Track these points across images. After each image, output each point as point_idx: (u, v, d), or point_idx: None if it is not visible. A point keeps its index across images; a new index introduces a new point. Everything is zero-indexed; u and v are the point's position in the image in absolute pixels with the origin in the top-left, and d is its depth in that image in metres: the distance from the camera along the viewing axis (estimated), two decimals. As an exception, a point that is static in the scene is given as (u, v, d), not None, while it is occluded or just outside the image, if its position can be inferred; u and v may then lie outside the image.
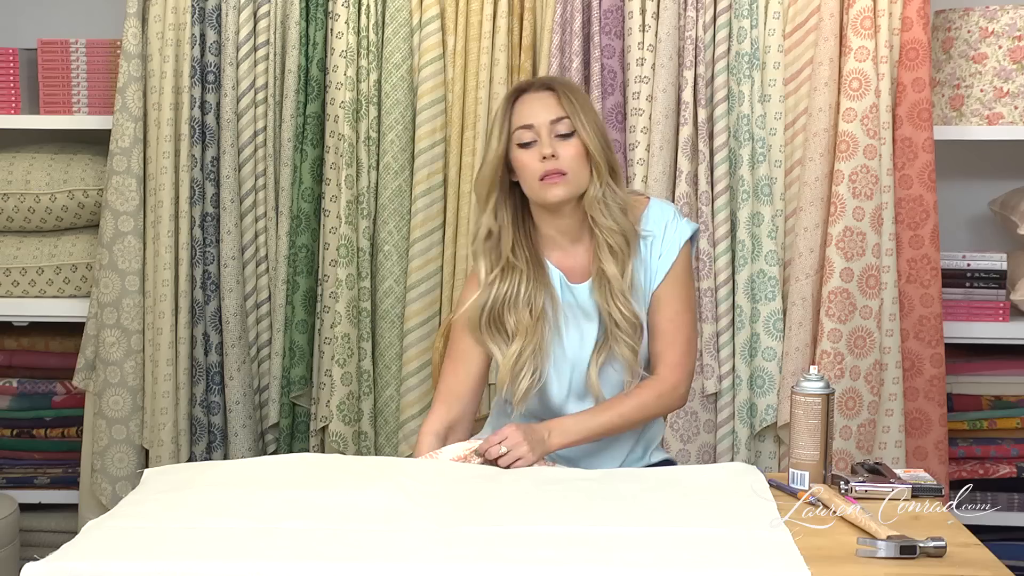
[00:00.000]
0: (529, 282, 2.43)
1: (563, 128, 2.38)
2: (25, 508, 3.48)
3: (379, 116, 3.27)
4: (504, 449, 2.29)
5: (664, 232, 2.46)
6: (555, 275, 2.47)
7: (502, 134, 2.40)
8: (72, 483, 3.52)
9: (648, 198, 2.51)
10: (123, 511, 2.03)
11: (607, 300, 2.41)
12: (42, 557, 1.77)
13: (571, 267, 2.47)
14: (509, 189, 2.45)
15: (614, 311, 2.40)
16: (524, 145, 2.39)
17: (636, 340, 2.42)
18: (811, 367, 2.28)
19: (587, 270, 2.46)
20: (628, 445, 2.54)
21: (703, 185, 3.19)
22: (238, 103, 3.29)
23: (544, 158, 2.36)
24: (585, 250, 2.46)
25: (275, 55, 3.29)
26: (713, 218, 3.20)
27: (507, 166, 2.43)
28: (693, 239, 2.51)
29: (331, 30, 3.26)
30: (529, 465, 2.30)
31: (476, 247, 2.47)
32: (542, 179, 2.37)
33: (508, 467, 2.29)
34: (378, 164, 3.28)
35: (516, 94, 2.44)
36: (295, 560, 1.79)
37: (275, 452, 3.37)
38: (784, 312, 3.23)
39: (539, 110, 2.39)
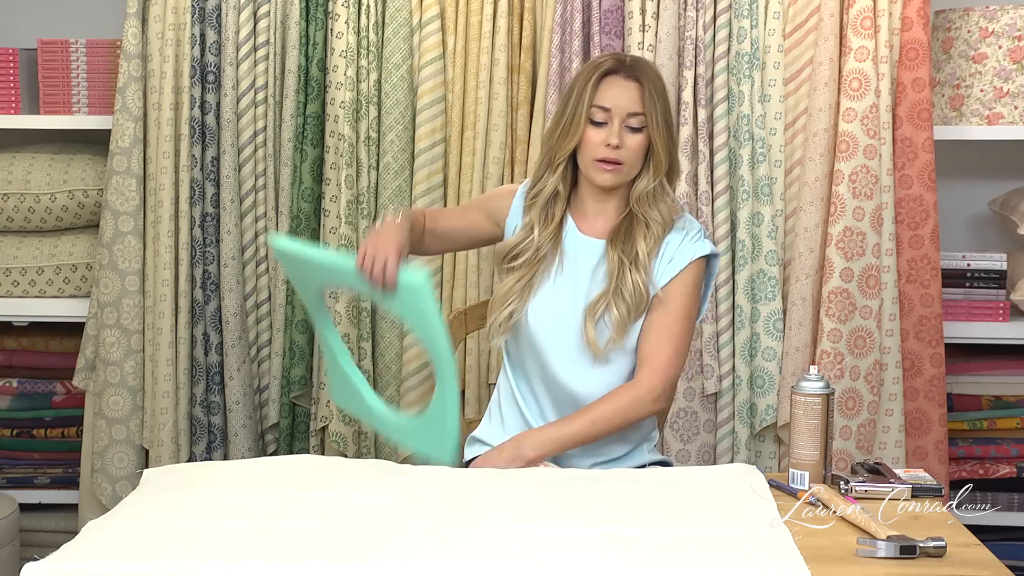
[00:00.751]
0: (551, 233, 2.51)
1: (636, 123, 2.44)
2: (25, 508, 3.48)
3: (379, 116, 3.27)
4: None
5: (682, 241, 2.49)
6: (569, 223, 2.53)
7: (582, 107, 2.44)
8: (72, 483, 3.52)
9: (684, 211, 2.57)
10: (123, 511, 2.03)
11: (628, 267, 2.45)
12: (42, 557, 1.77)
13: (581, 222, 2.54)
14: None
15: (629, 277, 2.44)
16: (594, 123, 2.44)
17: (635, 309, 2.45)
18: (811, 367, 2.28)
19: (598, 229, 2.52)
20: (625, 444, 2.55)
21: (703, 185, 3.19)
22: (238, 103, 3.29)
23: (609, 145, 2.43)
24: (604, 218, 2.52)
25: (275, 55, 3.29)
26: (713, 218, 3.20)
27: None
28: (711, 263, 2.53)
29: (331, 30, 3.26)
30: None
31: (538, 200, 2.51)
32: (599, 160, 2.44)
33: None
34: (378, 164, 3.28)
35: (604, 72, 2.46)
36: (295, 560, 1.79)
37: (275, 452, 3.38)
38: (784, 312, 3.23)
39: (622, 98, 2.44)
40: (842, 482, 2.19)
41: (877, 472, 2.24)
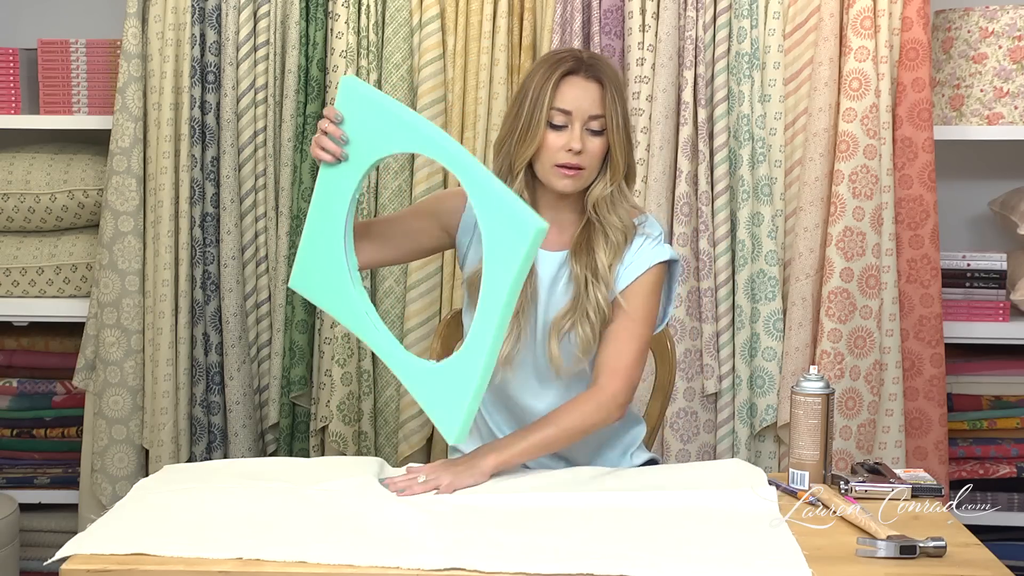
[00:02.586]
0: None
1: (596, 125, 2.34)
2: (25, 508, 3.48)
3: (379, 116, 3.27)
4: (422, 478, 2.18)
5: (642, 246, 2.40)
6: None
7: (541, 110, 2.33)
8: (72, 483, 3.52)
9: (644, 213, 2.46)
10: (129, 506, 2.06)
11: (589, 283, 2.35)
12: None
13: None
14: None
15: (592, 294, 2.34)
16: (554, 126, 2.33)
17: (600, 327, 2.36)
18: (811, 367, 2.28)
19: (551, 240, 2.39)
20: (613, 452, 2.52)
21: (703, 185, 3.19)
22: (238, 103, 3.29)
23: (570, 150, 2.32)
24: (558, 228, 2.40)
25: (275, 55, 3.29)
26: (713, 218, 3.20)
27: None
28: (672, 268, 2.44)
29: (331, 30, 3.26)
30: (455, 489, 2.18)
31: None
32: (559, 166, 2.34)
33: (437, 492, 2.17)
34: (377, 164, 3.27)
35: (565, 72, 2.35)
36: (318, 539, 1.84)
37: (275, 452, 3.37)
38: (784, 312, 3.23)
39: (583, 101, 2.33)
40: (842, 482, 2.19)
41: (877, 472, 2.24)
